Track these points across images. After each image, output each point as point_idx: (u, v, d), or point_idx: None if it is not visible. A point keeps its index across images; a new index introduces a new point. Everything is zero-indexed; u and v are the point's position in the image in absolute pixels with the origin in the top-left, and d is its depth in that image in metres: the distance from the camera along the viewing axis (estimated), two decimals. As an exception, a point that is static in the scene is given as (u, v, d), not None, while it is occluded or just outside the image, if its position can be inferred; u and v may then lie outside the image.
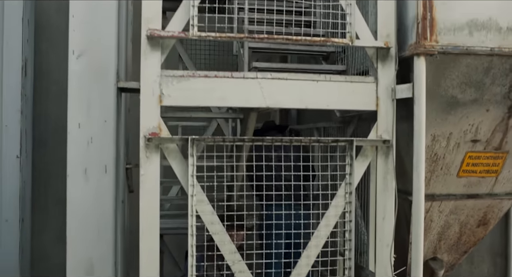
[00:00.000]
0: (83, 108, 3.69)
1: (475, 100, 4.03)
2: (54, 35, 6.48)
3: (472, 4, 3.79)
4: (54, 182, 6.22)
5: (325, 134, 5.35)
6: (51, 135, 6.41)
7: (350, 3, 3.76)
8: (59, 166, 6.26)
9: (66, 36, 6.34)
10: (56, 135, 6.40)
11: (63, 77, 6.46)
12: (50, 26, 6.37)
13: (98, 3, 3.72)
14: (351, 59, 4.58)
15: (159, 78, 3.54)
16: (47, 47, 6.46)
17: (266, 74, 3.69)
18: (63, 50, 6.42)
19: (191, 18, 3.54)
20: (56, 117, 6.45)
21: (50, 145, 6.30)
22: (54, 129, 6.39)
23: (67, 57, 5.34)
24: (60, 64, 6.38)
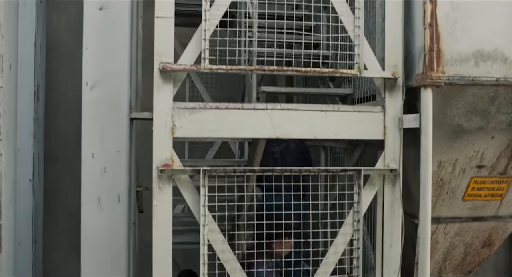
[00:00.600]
0: (97, 138, 3.77)
1: (480, 128, 4.10)
2: (63, 52, 6.57)
3: (479, 35, 3.86)
4: (64, 197, 6.31)
5: (331, 154, 5.43)
6: (60, 150, 6.49)
7: (358, 34, 3.83)
8: (68, 181, 6.38)
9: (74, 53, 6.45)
10: (65, 150, 6.50)
11: (71, 92, 6.59)
12: (59, 44, 6.45)
13: (111, 35, 3.80)
14: (358, 82, 4.66)
15: (171, 110, 3.61)
16: (56, 63, 6.54)
17: (275, 105, 3.76)
18: (71, 66, 6.55)
19: (203, 51, 3.61)
20: (65, 132, 6.53)
21: (60, 160, 6.39)
22: (63, 144, 6.48)
23: (75, 73, 5.42)
24: (68, 80, 6.50)
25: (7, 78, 3.71)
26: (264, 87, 4.43)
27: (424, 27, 3.81)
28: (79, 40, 6.66)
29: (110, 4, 3.80)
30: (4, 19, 3.67)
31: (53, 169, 6.32)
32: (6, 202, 3.69)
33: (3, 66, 3.67)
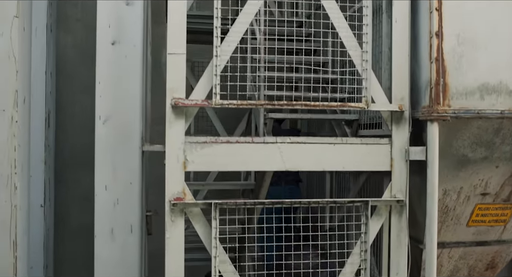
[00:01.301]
0: (110, 170, 3.85)
1: (485, 158, 4.18)
2: (69, 69, 6.65)
3: (484, 69, 3.94)
4: (71, 215, 6.39)
5: (336, 176, 5.50)
6: (67, 168, 6.57)
7: (366, 68, 3.90)
8: (76, 199, 6.46)
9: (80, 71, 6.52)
10: (71, 168, 6.58)
11: (78, 111, 6.67)
12: (66, 61, 6.52)
13: (123, 70, 3.87)
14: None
15: (183, 145, 3.69)
16: (63, 80, 6.61)
17: (285, 138, 3.84)
18: (77, 84, 6.63)
19: (214, 87, 3.69)
20: (72, 150, 6.61)
21: (67, 178, 6.46)
22: (70, 162, 6.55)
23: (81, 91, 5.43)
24: (74, 98, 6.57)
25: (21, 112, 3.80)
26: (271, 114, 4.50)
27: (431, 61, 3.89)
28: (85, 58, 6.77)
29: (122, 39, 3.87)
30: (19, 54, 3.76)
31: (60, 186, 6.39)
32: (21, 234, 3.78)
33: (18, 101, 3.76)
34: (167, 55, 3.68)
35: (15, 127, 3.74)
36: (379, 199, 3.99)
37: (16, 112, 3.73)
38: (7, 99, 3.73)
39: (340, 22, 3.91)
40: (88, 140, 6.75)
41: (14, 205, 3.73)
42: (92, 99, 6.71)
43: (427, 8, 3.93)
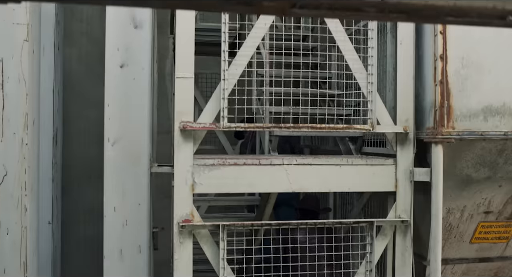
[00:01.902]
0: (118, 192, 3.89)
1: (488, 178, 4.24)
2: (75, 82, 6.69)
3: (488, 91, 3.99)
4: (77, 228, 6.44)
5: (340, 195, 5.53)
6: (72, 181, 6.61)
7: (371, 90, 3.95)
8: (81, 211, 6.51)
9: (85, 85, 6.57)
10: (76, 181, 6.63)
11: (83, 125, 6.71)
12: (71, 75, 6.56)
13: (132, 92, 3.91)
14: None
15: (192, 167, 3.74)
16: (69, 94, 6.65)
17: (291, 160, 3.89)
18: (83, 98, 6.67)
19: (222, 110, 3.74)
20: (77, 163, 6.65)
21: (72, 191, 6.50)
22: (75, 175, 6.60)
23: (87, 106, 5.47)
24: (80, 112, 6.61)
25: (31, 134, 3.84)
26: (276, 130, 4.56)
27: (435, 84, 3.94)
28: (90, 72, 6.82)
29: (131, 62, 3.91)
30: (29, 77, 3.80)
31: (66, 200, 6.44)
32: (31, 254, 3.82)
33: (28, 123, 3.80)
34: (175, 78, 3.73)
35: (25, 149, 3.79)
36: (384, 220, 4.04)
37: (26, 134, 3.78)
38: (18, 122, 3.78)
39: (346, 45, 3.96)
40: (93, 153, 6.83)
41: (24, 227, 3.78)
42: (97, 113, 6.80)
43: (431, 31, 3.98)
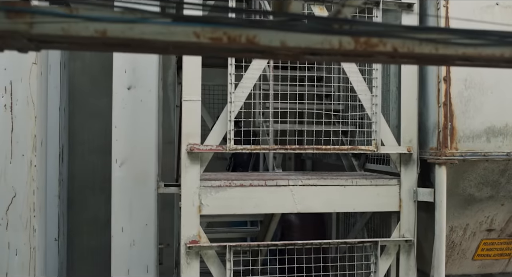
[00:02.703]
0: (126, 213, 3.94)
1: (491, 197, 4.29)
2: (78, 95, 6.72)
3: (490, 112, 4.04)
4: (80, 240, 6.47)
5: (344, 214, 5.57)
6: (75, 191, 6.64)
7: (376, 111, 4.00)
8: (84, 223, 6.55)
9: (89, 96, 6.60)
10: (79, 191, 6.66)
11: (87, 137, 6.75)
12: (75, 88, 6.60)
13: (139, 114, 3.95)
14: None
15: (199, 189, 3.78)
16: (73, 107, 6.69)
17: (297, 181, 3.94)
18: (87, 111, 6.71)
19: (228, 132, 3.78)
20: (80, 174, 6.68)
21: (77, 204, 6.54)
22: (78, 185, 6.64)
23: (91, 118, 5.49)
24: (84, 124, 6.65)
25: (39, 155, 3.89)
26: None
27: (439, 106, 3.99)
28: (93, 84, 6.86)
29: (138, 84, 3.96)
30: (37, 99, 3.85)
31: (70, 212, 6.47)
32: (39, 274, 3.86)
33: (36, 145, 3.84)
34: (182, 101, 3.77)
35: (34, 171, 3.83)
36: (388, 239, 4.09)
37: (35, 156, 3.82)
38: (26, 144, 3.82)
39: (351, 66, 4.01)
40: (95, 164, 6.88)
41: (33, 247, 3.82)
42: (100, 124, 6.86)
43: (435, 53, 4.02)
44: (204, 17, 1.66)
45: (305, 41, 1.67)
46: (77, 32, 1.61)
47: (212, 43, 1.64)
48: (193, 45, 1.66)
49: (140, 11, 1.65)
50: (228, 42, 1.65)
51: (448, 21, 3.94)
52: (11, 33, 1.58)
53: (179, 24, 1.63)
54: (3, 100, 3.82)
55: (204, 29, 1.62)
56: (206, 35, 1.62)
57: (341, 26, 1.69)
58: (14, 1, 1.59)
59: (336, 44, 1.69)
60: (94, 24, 1.59)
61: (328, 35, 1.68)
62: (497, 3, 4.06)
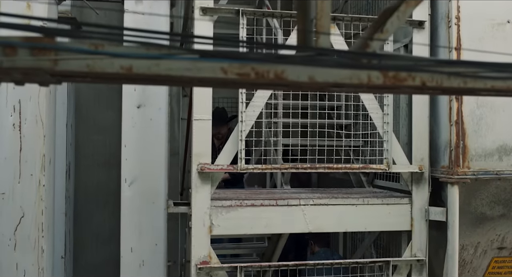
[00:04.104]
0: (135, 232, 3.89)
1: (502, 215, 4.26)
2: (83, 111, 6.68)
3: (502, 130, 4.02)
4: (85, 256, 6.42)
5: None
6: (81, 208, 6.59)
7: (387, 130, 3.97)
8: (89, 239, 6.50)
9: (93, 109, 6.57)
10: (83, 205, 6.61)
11: (92, 151, 6.71)
12: (80, 103, 6.56)
13: (148, 133, 3.92)
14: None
15: (209, 209, 3.75)
16: (78, 122, 6.64)
17: (308, 200, 3.90)
18: (92, 124, 6.67)
19: (239, 152, 3.75)
20: (85, 189, 6.63)
21: (81, 219, 6.48)
22: (82, 199, 6.58)
23: (95, 132, 5.49)
24: (88, 138, 6.61)
25: (48, 175, 3.85)
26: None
27: (451, 124, 3.96)
28: (97, 96, 6.82)
29: (148, 102, 3.92)
30: (46, 118, 3.82)
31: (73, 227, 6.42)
32: (47, 296, 3.81)
33: (45, 164, 3.80)
34: (193, 121, 3.74)
35: (42, 190, 3.79)
36: (399, 259, 4.05)
37: (44, 176, 3.78)
38: (35, 164, 3.78)
39: (362, 85, 3.97)
40: (99, 178, 6.83)
41: (41, 268, 3.78)
42: (104, 138, 6.82)
43: (446, 71, 4.00)
44: (231, 52, 1.63)
45: (334, 76, 1.64)
46: (102, 68, 1.57)
47: (240, 79, 1.61)
48: (220, 80, 1.62)
49: (166, 46, 1.62)
50: (256, 77, 1.62)
51: (459, 39, 3.92)
52: (35, 70, 1.55)
53: (206, 60, 1.59)
54: (12, 119, 3.79)
55: (232, 65, 1.59)
56: (234, 71, 1.59)
57: (369, 60, 1.66)
58: (38, 37, 1.56)
59: (365, 79, 1.65)
60: (120, 61, 1.55)
61: (356, 70, 1.65)
62: (509, 21, 4.04)
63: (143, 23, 4.01)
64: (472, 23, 3.97)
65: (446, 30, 4.02)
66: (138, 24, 4.01)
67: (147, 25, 4.00)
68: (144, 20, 4.02)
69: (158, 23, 4.07)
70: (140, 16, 4.01)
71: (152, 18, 4.06)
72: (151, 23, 4.02)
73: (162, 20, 4.09)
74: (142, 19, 4.01)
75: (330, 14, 1.71)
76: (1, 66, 1.52)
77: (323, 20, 1.68)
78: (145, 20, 4.02)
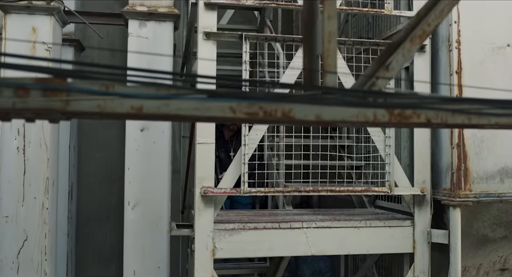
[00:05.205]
0: (138, 255, 3.90)
1: (504, 237, 4.27)
2: (86, 129, 6.71)
3: (504, 152, 4.04)
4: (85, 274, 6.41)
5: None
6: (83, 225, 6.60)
7: (389, 153, 3.99)
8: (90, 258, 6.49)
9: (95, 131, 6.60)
10: (87, 225, 6.62)
11: (94, 169, 6.73)
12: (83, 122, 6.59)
13: (152, 156, 3.94)
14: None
15: (212, 233, 3.75)
16: (80, 140, 6.67)
17: (311, 223, 3.91)
18: (93, 143, 6.70)
19: (242, 175, 3.77)
20: (87, 209, 6.65)
21: (82, 238, 6.49)
22: (85, 219, 6.59)
23: (97, 149, 5.47)
24: (91, 156, 6.64)
25: (51, 198, 3.87)
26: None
27: (452, 147, 3.98)
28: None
29: (151, 125, 3.95)
30: (50, 141, 3.83)
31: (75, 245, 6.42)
32: (50, 319, 3.80)
33: (48, 187, 3.82)
34: (197, 144, 3.76)
35: (46, 214, 3.80)
36: (402, 282, 4.05)
37: (47, 199, 3.80)
38: (39, 187, 3.80)
39: (363, 108, 4.00)
40: (100, 194, 6.85)
41: (44, 291, 3.77)
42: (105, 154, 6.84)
43: (447, 94, 4.04)
44: (239, 92, 1.65)
45: (340, 115, 1.67)
46: (113, 109, 1.59)
47: (248, 118, 1.63)
48: (229, 119, 1.65)
49: (175, 87, 1.64)
50: (264, 116, 1.64)
51: (460, 63, 3.96)
52: (47, 111, 1.58)
53: (215, 100, 1.62)
54: (16, 142, 3.81)
55: (240, 104, 1.61)
56: (242, 110, 1.61)
57: (375, 99, 1.69)
58: (50, 78, 1.58)
59: (371, 117, 1.68)
60: (130, 101, 1.58)
61: (363, 108, 1.68)
62: (509, 44, 4.08)
63: (147, 45, 4.05)
64: (473, 47, 4.01)
65: (447, 54, 4.06)
66: (142, 47, 4.05)
67: (151, 48, 4.04)
68: (148, 43, 4.06)
69: (161, 45, 4.10)
70: (144, 39, 4.05)
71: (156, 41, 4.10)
72: (155, 45, 4.05)
73: (165, 42, 4.13)
74: (146, 41, 4.05)
75: (336, 52, 1.73)
76: (14, 107, 1.54)
77: (330, 59, 1.71)
78: (149, 42, 4.06)
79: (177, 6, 4.36)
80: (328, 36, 1.72)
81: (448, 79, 4.03)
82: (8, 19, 3.87)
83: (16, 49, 3.87)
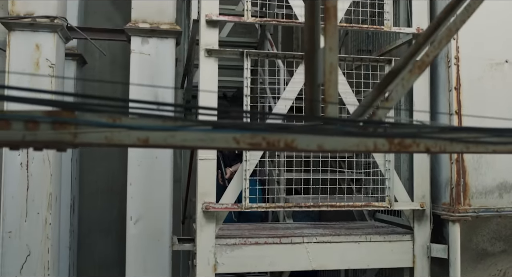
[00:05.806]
0: (140, 270, 3.93)
1: (504, 251, 4.30)
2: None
3: (502, 168, 4.08)
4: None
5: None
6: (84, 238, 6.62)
7: (389, 168, 4.03)
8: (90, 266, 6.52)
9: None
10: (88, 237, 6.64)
11: (96, 178, 6.76)
12: (84, 132, 6.61)
13: (154, 171, 3.97)
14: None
15: (214, 248, 3.79)
16: (82, 150, 6.70)
17: (311, 238, 3.95)
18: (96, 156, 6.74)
19: (244, 191, 3.81)
20: (89, 221, 6.67)
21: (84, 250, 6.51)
22: (86, 232, 6.62)
23: (99, 161, 5.51)
24: (93, 169, 6.67)
25: (54, 212, 3.90)
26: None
27: (451, 162, 4.02)
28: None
29: (153, 141, 3.97)
30: (53, 157, 3.87)
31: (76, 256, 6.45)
32: None
33: (51, 202, 3.85)
34: (198, 160, 3.80)
35: (49, 229, 3.84)
36: (403, 296, 4.08)
37: (50, 214, 3.83)
38: (42, 202, 3.83)
39: (363, 123, 4.04)
40: (102, 205, 6.88)
41: (47, 306, 3.80)
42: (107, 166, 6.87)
43: (446, 110, 4.08)
44: (242, 123, 1.69)
45: (342, 144, 1.71)
46: (120, 140, 1.63)
47: (252, 148, 1.67)
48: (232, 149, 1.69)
49: (181, 119, 1.68)
50: (267, 146, 1.68)
51: (459, 79, 4.00)
52: (57, 143, 1.62)
53: (219, 131, 1.66)
54: (19, 158, 3.85)
55: (244, 135, 1.65)
56: (246, 140, 1.65)
57: (375, 129, 1.73)
58: (59, 111, 1.62)
59: (371, 146, 1.72)
60: (137, 133, 1.62)
61: (363, 138, 1.72)
62: (507, 61, 4.13)
63: (149, 62, 4.10)
64: (471, 63, 4.06)
65: (445, 70, 4.10)
66: (144, 63, 4.10)
67: (153, 64, 4.09)
68: (151, 59, 4.10)
69: (164, 61, 4.15)
70: (146, 56, 4.09)
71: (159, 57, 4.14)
72: (157, 62, 4.10)
73: (168, 58, 4.17)
74: (148, 58, 4.10)
75: (338, 83, 1.77)
76: (24, 140, 1.58)
77: (331, 90, 1.75)
78: (151, 59, 4.10)
79: (178, 20, 4.41)
80: (329, 67, 1.76)
81: (447, 95, 4.07)
82: (12, 36, 3.92)
83: (20, 65, 3.91)
